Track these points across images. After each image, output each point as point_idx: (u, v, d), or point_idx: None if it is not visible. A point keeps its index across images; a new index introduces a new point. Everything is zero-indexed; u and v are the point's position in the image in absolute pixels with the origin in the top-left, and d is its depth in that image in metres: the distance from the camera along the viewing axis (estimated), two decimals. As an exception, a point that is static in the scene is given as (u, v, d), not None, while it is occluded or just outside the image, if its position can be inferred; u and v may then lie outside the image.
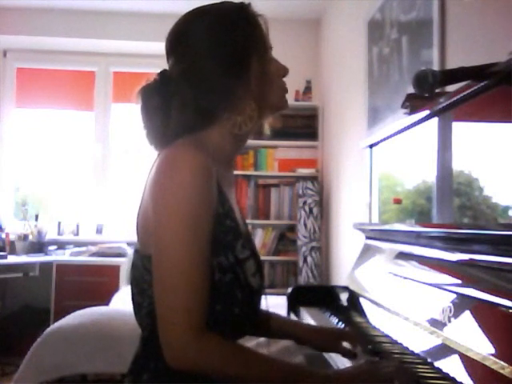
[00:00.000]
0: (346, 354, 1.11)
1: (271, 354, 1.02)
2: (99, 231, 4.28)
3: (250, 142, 3.98)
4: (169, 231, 0.87)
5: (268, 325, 1.18)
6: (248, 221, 4.54)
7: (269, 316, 1.18)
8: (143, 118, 1.01)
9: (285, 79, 1.07)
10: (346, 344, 1.14)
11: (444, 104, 1.20)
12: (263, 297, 1.05)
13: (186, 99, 0.97)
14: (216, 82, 0.98)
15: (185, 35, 1.01)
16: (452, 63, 1.77)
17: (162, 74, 1.02)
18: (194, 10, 1.04)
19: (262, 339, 1.20)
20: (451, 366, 0.95)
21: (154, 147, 1.01)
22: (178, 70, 1.00)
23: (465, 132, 1.22)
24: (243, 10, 1.02)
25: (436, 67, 1.87)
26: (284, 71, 1.06)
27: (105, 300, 3.12)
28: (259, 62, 1.00)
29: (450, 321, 1.01)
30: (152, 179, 0.92)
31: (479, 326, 0.92)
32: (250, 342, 1.68)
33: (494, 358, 0.83)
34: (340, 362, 1.13)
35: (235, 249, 0.94)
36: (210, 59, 0.98)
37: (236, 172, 4.02)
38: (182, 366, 0.85)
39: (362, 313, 1.55)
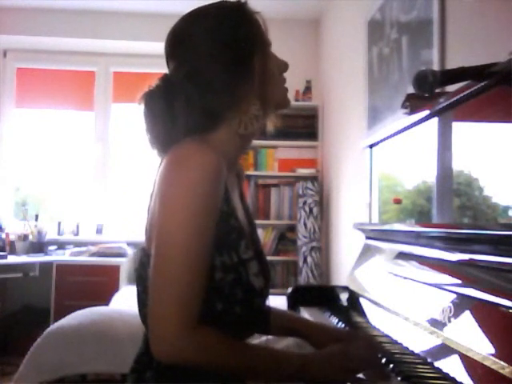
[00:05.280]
0: None
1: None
2: (99, 231, 4.28)
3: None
4: (172, 224, 0.86)
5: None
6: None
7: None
8: (147, 124, 1.00)
9: (285, 79, 1.09)
10: None
11: (444, 104, 1.20)
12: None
13: (192, 101, 0.97)
14: (221, 83, 0.98)
15: (186, 37, 1.01)
16: (452, 63, 1.77)
17: (164, 79, 1.02)
18: (191, 11, 1.04)
19: (263, 338, 1.20)
20: (451, 365, 0.95)
21: (156, 152, 1.01)
22: (182, 73, 0.99)
23: (465, 132, 1.22)
24: (241, 9, 1.03)
25: (436, 67, 1.87)
26: (284, 67, 1.07)
27: (105, 300, 3.13)
28: (261, 59, 1.01)
29: (449, 321, 1.01)
30: (161, 177, 0.91)
31: (479, 325, 0.92)
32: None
33: (494, 358, 0.83)
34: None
35: (239, 249, 0.94)
36: (213, 60, 0.98)
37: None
38: (169, 360, 0.85)
39: (361, 313, 1.55)
